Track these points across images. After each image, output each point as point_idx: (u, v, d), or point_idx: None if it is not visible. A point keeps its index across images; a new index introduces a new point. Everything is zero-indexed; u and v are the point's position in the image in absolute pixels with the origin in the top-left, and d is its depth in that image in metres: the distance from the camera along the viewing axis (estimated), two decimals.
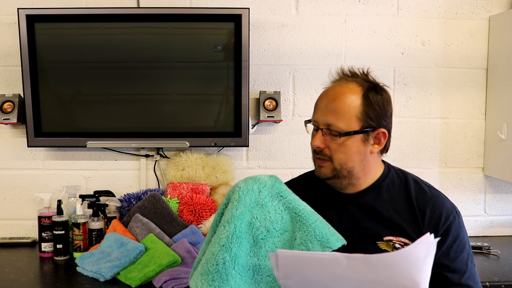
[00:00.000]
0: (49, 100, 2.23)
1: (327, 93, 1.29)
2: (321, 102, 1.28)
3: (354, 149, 1.25)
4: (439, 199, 1.30)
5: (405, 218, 1.27)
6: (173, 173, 2.29)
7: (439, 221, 1.25)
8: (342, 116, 1.23)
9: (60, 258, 2.07)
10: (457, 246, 1.25)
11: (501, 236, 2.47)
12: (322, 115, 1.26)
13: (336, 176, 1.27)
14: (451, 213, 1.28)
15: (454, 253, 1.24)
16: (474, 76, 2.42)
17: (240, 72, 2.20)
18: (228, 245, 1.13)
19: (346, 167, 1.25)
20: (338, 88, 1.27)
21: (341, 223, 1.26)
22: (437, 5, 2.38)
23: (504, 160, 2.26)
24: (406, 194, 1.30)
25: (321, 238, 1.17)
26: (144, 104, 2.27)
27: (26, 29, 2.15)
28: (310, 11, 2.36)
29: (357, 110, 1.23)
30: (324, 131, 1.25)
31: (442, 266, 1.23)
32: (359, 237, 1.26)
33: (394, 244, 1.24)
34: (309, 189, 1.38)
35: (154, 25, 2.22)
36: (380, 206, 1.28)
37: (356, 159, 1.26)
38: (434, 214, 1.27)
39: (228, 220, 1.16)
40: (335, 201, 1.32)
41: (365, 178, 1.30)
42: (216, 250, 1.13)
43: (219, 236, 1.15)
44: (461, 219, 1.30)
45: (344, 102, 1.24)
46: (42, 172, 2.35)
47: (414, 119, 2.42)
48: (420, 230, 1.25)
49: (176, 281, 1.77)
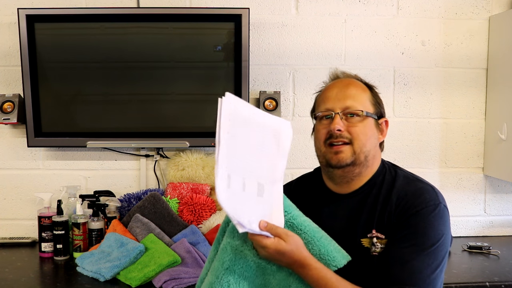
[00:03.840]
0: (49, 100, 2.23)
1: (335, 84, 1.32)
2: (331, 92, 1.30)
3: (371, 132, 1.28)
4: (420, 190, 1.23)
5: (385, 214, 1.23)
6: (173, 173, 2.29)
7: (405, 208, 1.20)
8: (359, 99, 1.28)
9: (60, 258, 2.07)
10: (411, 235, 1.17)
11: (501, 236, 2.47)
12: (338, 101, 1.27)
13: (353, 162, 1.26)
14: (426, 205, 1.20)
15: (404, 240, 1.17)
16: (474, 76, 2.42)
17: (240, 72, 2.20)
18: (232, 267, 1.11)
19: (365, 150, 1.26)
20: (345, 80, 1.33)
21: (330, 222, 1.27)
22: (437, 5, 2.38)
23: (504, 160, 2.26)
24: (392, 189, 1.26)
25: (326, 256, 1.15)
26: (144, 104, 2.27)
27: (26, 29, 2.15)
28: (310, 11, 2.36)
29: (368, 95, 1.30)
30: (341, 115, 1.26)
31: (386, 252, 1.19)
32: (345, 236, 1.25)
33: (372, 240, 1.23)
34: (305, 189, 1.39)
35: (154, 25, 2.22)
36: (371, 205, 1.26)
37: (372, 143, 1.28)
38: (405, 201, 1.21)
39: (230, 241, 1.13)
40: (329, 200, 1.32)
41: (371, 168, 1.30)
42: (220, 274, 1.12)
43: (222, 259, 1.13)
44: (441, 216, 1.20)
45: (357, 88, 1.30)
46: (42, 172, 2.35)
47: (414, 119, 2.42)
48: (390, 219, 1.22)
49: (176, 281, 1.77)
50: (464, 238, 2.41)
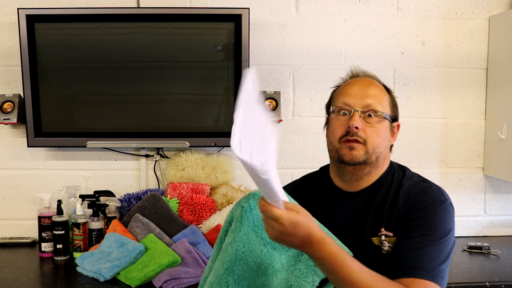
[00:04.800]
0: (49, 100, 2.23)
1: (356, 82, 1.33)
2: (352, 88, 1.30)
3: (386, 134, 1.29)
4: (425, 189, 1.26)
5: (394, 213, 1.25)
6: (173, 173, 2.29)
7: (413, 204, 1.22)
8: (379, 99, 1.29)
9: (60, 258, 2.07)
10: (420, 226, 1.19)
11: (501, 236, 2.47)
12: (359, 98, 1.27)
13: (365, 161, 1.26)
14: (433, 200, 1.22)
15: (413, 231, 1.18)
16: (474, 76, 2.42)
17: (240, 72, 2.20)
18: (231, 268, 1.11)
19: (378, 151, 1.27)
20: (366, 79, 1.34)
21: (337, 219, 1.27)
22: (437, 5, 2.38)
23: (504, 160, 2.26)
24: (400, 189, 1.28)
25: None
26: (144, 104, 2.27)
27: (26, 29, 2.15)
28: (310, 11, 2.36)
29: (387, 98, 1.32)
30: (360, 113, 1.26)
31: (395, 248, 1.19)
32: (354, 233, 1.26)
33: (381, 238, 1.23)
34: (311, 188, 1.39)
35: (154, 25, 2.22)
36: (379, 204, 1.27)
37: (385, 145, 1.29)
38: (409, 198, 1.24)
39: (231, 242, 1.13)
40: (336, 199, 1.32)
41: (381, 168, 1.31)
42: (220, 273, 1.12)
43: (223, 259, 1.13)
44: (445, 210, 1.22)
45: (379, 89, 1.31)
46: (42, 172, 2.35)
47: (414, 119, 2.42)
48: (398, 217, 1.23)
49: (176, 281, 1.77)
50: (464, 238, 2.41)
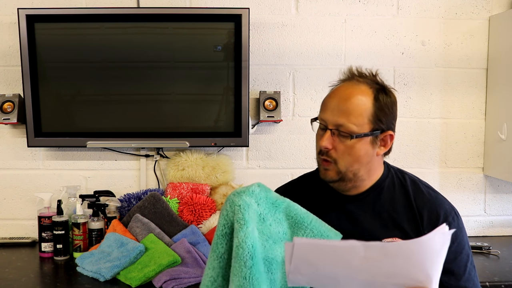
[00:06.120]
0: (49, 100, 2.23)
1: (337, 92, 1.26)
2: (331, 101, 1.25)
3: (363, 152, 1.24)
4: (437, 200, 1.30)
5: (404, 219, 1.27)
6: (173, 173, 2.29)
7: (437, 222, 1.24)
8: (354, 117, 1.21)
9: (60, 258, 2.07)
10: (456, 247, 1.24)
11: (501, 236, 2.47)
12: (332, 115, 1.23)
13: (342, 179, 1.26)
14: (450, 214, 1.27)
15: (452, 254, 1.22)
16: (474, 76, 2.42)
17: (240, 72, 2.20)
18: (256, 266, 1.08)
19: (352, 169, 1.25)
20: (350, 89, 1.25)
21: (341, 224, 1.26)
22: (437, 5, 2.38)
23: (504, 160, 2.26)
24: (405, 195, 1.30)
25: (320, 237, 1.17)
26: (144, 104, 2.27)
27: (26, 29, 2.15)
28: (310, 11, 2.36)
29: (368, 112, 1.22)
30: (333, 131, 1.23)
31: None
32: (358, 238, 1.25)
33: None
34: (309, 190, 1.38)
35: (154, 25, 2.22)
36: (380, 207, 1.28)
37: (363, 162, 1.25)
38: (432, 215, 1.26)
39: (244, 240, 1.09)
40: (335, 203, 1.32)
41: (368, 180, 1.30)
42: (244, 274, 1.07)
43: (242, 259, 1.08)
44: (461, 220, 1.30)
45: (356, 104, 1.22)
46: (42, 172, 2.35)
47: (414, 119, 2.42)
48: (419, 230, 1.25)
49: (176, 281, 1.77)
50: None
